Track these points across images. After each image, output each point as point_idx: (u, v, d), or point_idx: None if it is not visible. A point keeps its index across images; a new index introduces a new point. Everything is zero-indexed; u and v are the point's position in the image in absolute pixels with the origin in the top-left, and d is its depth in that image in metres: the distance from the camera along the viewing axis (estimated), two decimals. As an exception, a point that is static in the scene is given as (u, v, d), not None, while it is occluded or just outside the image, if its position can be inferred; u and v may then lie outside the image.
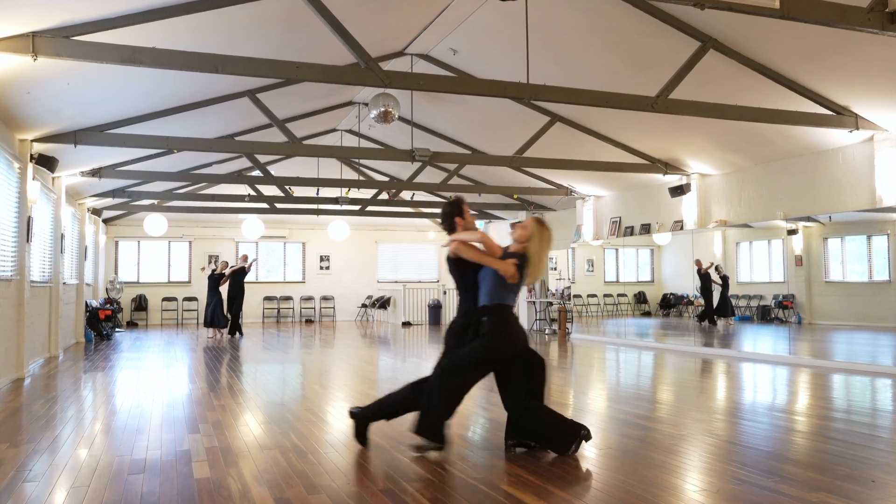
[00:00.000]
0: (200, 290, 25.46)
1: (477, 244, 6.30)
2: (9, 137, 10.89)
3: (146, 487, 5.09)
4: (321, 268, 28.28)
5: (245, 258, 20.80)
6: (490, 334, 6.02)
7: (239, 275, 20.16)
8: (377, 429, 6.91)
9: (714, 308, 16.50)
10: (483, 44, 11.95)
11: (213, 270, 19.98)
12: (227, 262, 20.48)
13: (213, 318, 19.26)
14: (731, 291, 16.37)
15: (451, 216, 6.55)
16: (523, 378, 6.20)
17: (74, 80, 9.65)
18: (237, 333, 19.84)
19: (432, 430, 5.96)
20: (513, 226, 6.55)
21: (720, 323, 16.63)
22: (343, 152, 15.57)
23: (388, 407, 6.46)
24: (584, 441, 5.93)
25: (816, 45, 9.49)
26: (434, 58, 12.92)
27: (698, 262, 16.34)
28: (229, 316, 19.65)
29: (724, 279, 16.29)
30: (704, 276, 16.35)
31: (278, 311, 27.36)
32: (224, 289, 19.75)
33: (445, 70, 13.02)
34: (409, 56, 12.90)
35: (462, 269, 6.34)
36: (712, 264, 16.29)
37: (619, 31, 10.38)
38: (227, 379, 11.09)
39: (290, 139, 12.98)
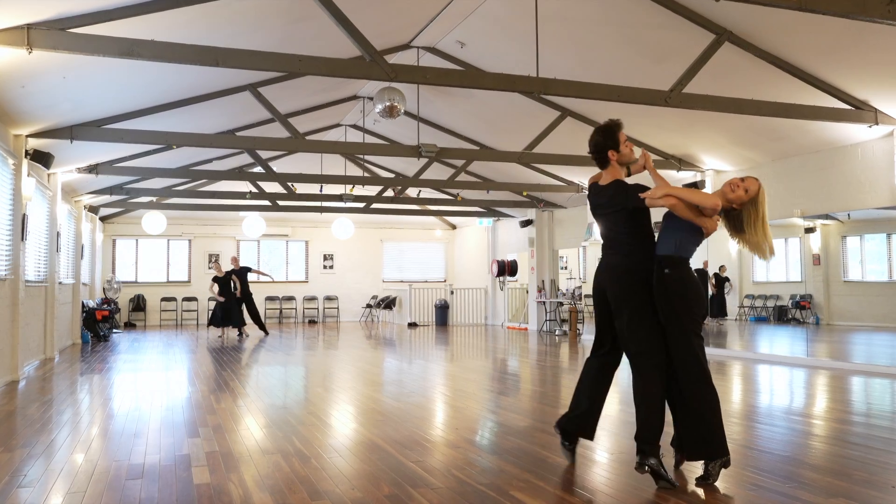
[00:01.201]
0: (200, 289, 25.53)
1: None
2: (3, 133, 10.90)
3: (144, 493, 5.09)
4: (325, 267, 28.30)
5: (234, 260, 21.07)
6: (681, 291, 5.34)
7: (243, 275, 20.27)
8: (381, 433, 6.91)
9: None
10: (492, 36, 11.94)
11: (216, 277, 20.04)
12: (219, 266, 20.63)
13: (224, 316, 19.44)
14: (746, 291, 16.32)
15: (605, 149, 5.71)
16: None
17: (71, 74, 9.66)
18: (244, 334, 20.01)
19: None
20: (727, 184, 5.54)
21: (711, 323, 16.74)
22: (347, 148, 15.58)
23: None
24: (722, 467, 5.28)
25: (835, 38, 9.46)
26: (441, 51, 12.91)
27: (705, 263, 16.29)
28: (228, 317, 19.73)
29: (720, 280, 16.37)
30: (702, 275, 16.33)
31: (280, 312, 27.38)
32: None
33: (453, 63, 13.01)
34: (416, 49, 12.90)
35: (638, 215, 5.56)
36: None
37: (632, 23, 10.36)
38: (228, 381, 11.09)
39: (292, 135, 12.99)
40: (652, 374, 5.42)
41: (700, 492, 5.09)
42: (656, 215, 5.37)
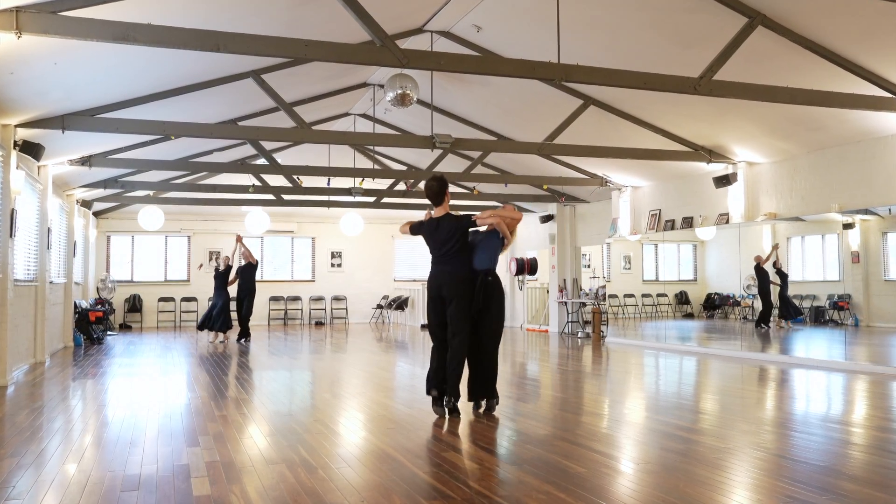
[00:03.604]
0: (200, 289, 25.56)
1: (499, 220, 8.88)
2: (-9, 123, 10.97)
3: (141, 505, 5.12)
4: (332, 265, 28.35)
5: (238, 238, 20.25)
6: (500, 292, 8.89)
7: (248, 271, 19.98)
8: (393, 441, 6.91)
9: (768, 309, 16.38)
10: (510, 19, 11.93)
11: (217, 268, 19.84)
12: (228, 257, 20.18)
13: (216, 320, 19.21)
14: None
15: (443, 193, 8.79)
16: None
17: (62, 60, 9.69)
18: (245, 338, 19.52)
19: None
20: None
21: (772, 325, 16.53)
22: (356, 139, 15.59)
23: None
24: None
25: (874, 22, 9.42)
26: (456, 35, 12.90)
27: (757, 258, 16.19)
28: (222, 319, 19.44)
29: (782, 276, 16.14)
30: (761, 272, 16.21)
31: (285, 313, 27.45)
32: (232, 288, 19.62)
33: (468, 49, 12.99)
34: (429, 33, 12.89)
35: (465, 236, 8.74)
36: (769, 258, 16.14)
37: (659, 6, 10.34)
38: (230, 387, 11.13)
39: (298, 124, 13.00)
40: (462, 349, 8.50)
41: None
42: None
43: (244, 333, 19.58)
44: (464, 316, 8.48)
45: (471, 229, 8.78)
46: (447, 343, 8.56)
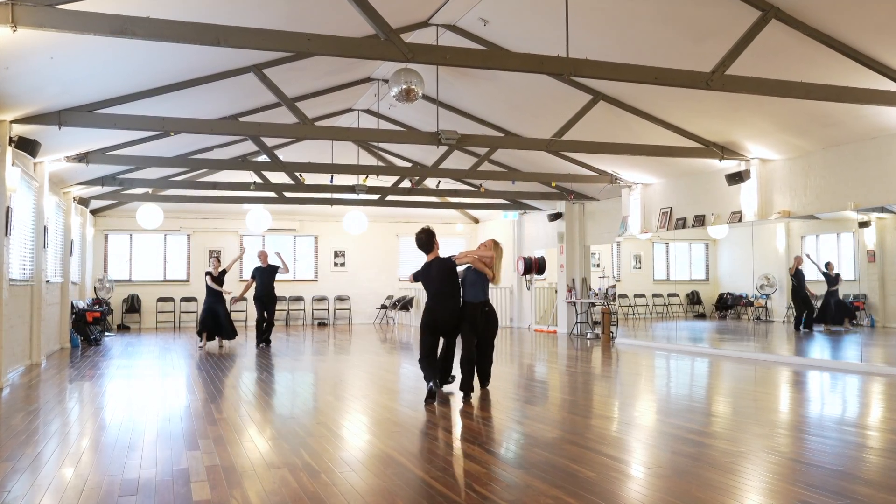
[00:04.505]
0: (199, 289, 25.42)
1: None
2: (-14, 119, 10.98)
3: (140, 509, 5.13)
4: (336, 264, 28.33)
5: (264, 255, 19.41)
6: (495, 318, 10.88)
7: (267, 275, 19.00)
8: (397, 445, 6.92)
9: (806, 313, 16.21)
10: (517, 13, 11.92)
11: (210, 273, 18.72)
12: (218, 259, 19.46)
13: (226, 327, 18.32)
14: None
15: (432, 243, 10.62)
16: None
17: (59, 54, 9.69)
18: (264, 343, 18.56)
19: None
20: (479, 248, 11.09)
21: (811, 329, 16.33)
22: (360, 135, 15.59)
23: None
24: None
25: (891, 15, 9.39)
26: (462, 29, 12.89)
27: (797, 259, 16.04)
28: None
29: (832, 278, 15.85)
30: (797, 276, 16.08)
31: (287, 314, 27.43)
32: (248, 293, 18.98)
33: (475, 42, 12.98)
34: (435, 27, 12.89)
35: (454, 275, 10.57)
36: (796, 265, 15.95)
37: (670, -3, 10.35)
38: (231, 389, 11.15)
39: (300, 120, 13.00)
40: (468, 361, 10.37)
41: None
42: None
43: (264, 337, 18.67)
44: (466, 336, 10.42)
45: (460, 268, 10.70)
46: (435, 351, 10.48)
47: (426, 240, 10.59)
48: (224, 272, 18.92)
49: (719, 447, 6.90)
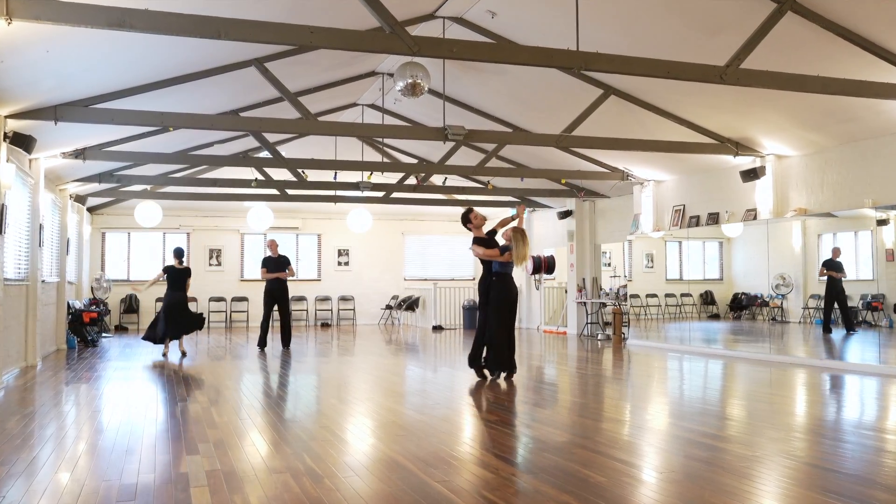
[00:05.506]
0: (199, 289, 25.53)
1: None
2: (-20, 114, 10.98)
3: (138, 515, 5.13)
4: (339, 264, 28.34)
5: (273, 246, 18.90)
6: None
7: (277, 266, 18.46)
8: (402, 449, 6.91)
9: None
10: (526, 5, 11.91)
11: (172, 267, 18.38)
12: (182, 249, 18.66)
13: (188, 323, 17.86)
14: (811, 291, 16.14)
15: (466, 223, 12.53)
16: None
17: (55, 47, 9.70)
18: (287, 345, 18.28)
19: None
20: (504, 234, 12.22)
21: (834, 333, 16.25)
22: (365, 130, 15.59)
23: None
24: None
25: (913, 5, 9.39)
26: (469, 21, 12.88)
27: (835, 251, 15.77)
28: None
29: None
30: (834, 268, 15.92)
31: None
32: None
33: (483, 36, 12.98)
34: (441, 19, 12.88)
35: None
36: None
37: (684, -11, 10.33)
38: (231, 392, 11.14)
39: (303, 115, 13.00)
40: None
41: None
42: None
43: (287, 339, 18.42)
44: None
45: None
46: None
47: (463, 221, 12.67)
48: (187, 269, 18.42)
49: (733, 451, 6.89)
